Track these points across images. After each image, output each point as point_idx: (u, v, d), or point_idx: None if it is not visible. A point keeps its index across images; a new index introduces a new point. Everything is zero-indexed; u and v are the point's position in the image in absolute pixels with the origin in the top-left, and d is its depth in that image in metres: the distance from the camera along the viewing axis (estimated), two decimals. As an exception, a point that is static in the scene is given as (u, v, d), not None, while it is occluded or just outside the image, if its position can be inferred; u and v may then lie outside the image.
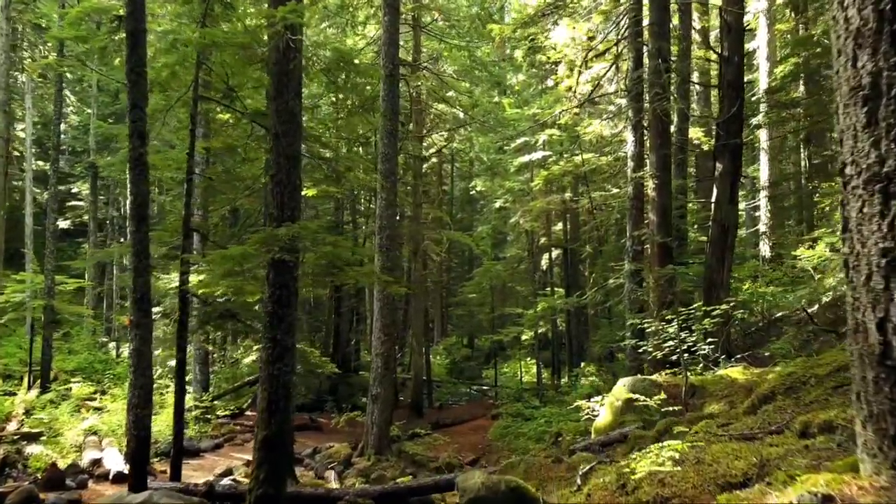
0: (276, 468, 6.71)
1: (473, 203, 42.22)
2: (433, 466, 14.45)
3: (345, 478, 12.95)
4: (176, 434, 9.16)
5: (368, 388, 14.54)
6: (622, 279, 13.27)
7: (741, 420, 5.15)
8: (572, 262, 25.35)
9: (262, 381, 6.92)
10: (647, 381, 8.54)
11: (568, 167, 20.39)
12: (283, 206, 7.00)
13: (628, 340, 11.83)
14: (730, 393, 7.81)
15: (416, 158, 21.27)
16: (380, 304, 14.36)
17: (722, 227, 12.21)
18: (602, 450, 7.67)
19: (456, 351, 34.96)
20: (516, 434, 17.16)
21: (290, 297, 6.97)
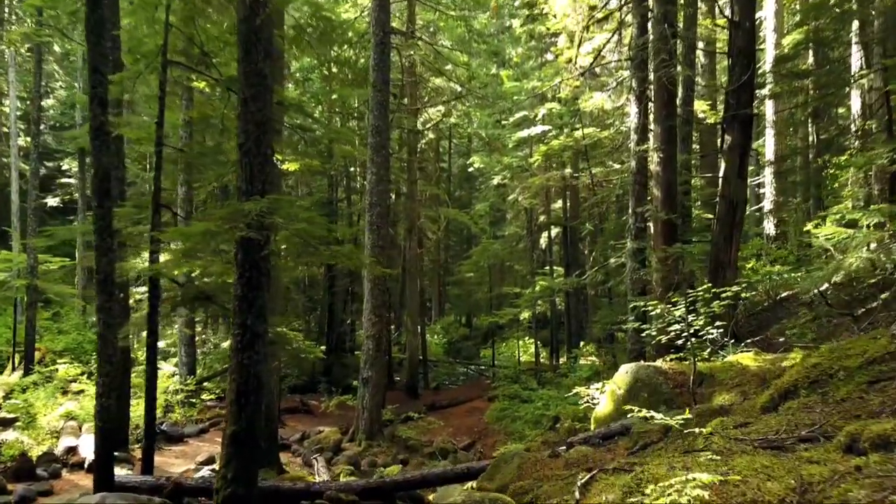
0: (246, 466, 6.13)
1: (472, 180, 41.50)
2: (427, 452, 13.96)
3: (334, 464, 12.44)
4: (147, 424, 8.59)
5: (358, 371, 13.99)
6: (624, 258, 12.64)
7: (761, 419, 4.54)
8: (572, 240, 24.70)
9: (231, 370, 6.32)
10: (651, 368, 7.95)
11: (568, 142, 19.64)
12: (252, 179, 6.34)
13: (630, 323, 11.23)
14: (741, 382, 7.22)
15: (410, 133, 20.52)
16: (370, 284, 13.76)
17: (730, 203, 11.54)
18: (603, 443, 7.10)
19: (454, 330, 34.48)
20: (513, 417, 16.66)
21: (260, 278, 6.34)
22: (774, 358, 7.73)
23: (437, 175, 34.42)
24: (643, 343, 11.35)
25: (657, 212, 11.72)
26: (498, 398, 18.91)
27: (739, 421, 4.59)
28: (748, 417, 4.86)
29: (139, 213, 8.89)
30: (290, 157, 9.83)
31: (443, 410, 18.84)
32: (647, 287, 12.39)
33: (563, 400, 15.71)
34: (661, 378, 7.79)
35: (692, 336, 7.74)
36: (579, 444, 7.21)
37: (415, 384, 20.83)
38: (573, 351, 20.87)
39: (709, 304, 8.13)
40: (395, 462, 12.98)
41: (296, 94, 23.60)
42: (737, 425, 4.48)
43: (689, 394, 7.51)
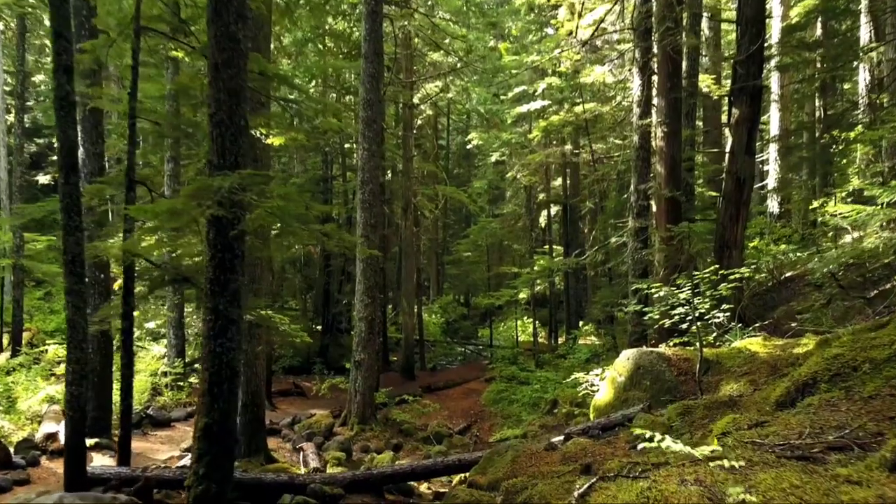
0: (221, 461, 5.71)
1: (471, 158, 40.90)
2: (421, 436, 13.62)
3: (325, 450, 12.07)
4: (123, 413, 8.16)
5: (351, 353, 13.57)
6: (625, 238, 12.17)
7: (778, 418, 4.10)
8: (572, 218, 24.20)
9: (203, 359, 5.87)
10: (654, 354, 7.51)
11: (568, 117, 19.06)
12: (223, 152, 5.83)
13: (631, 306, 10.80)
14: (750, 370, 6.77)
15: (405, 107, 19.92)
16: (363, 264, 13.29)
17: (737, 180, 11.03)
18: (602, 434, 6.68)
19: (452, 310, 34.08)
20: (510, 400, 16.32)
21: (234, 260, 5.87)
22: (785, 344, 7.28)
23: (434, 152, 33.77)
24: (644, 326, 10.92)
25: (660, 189, 11.21)
26: (495, 380, 18.57)
27: (754, 419, 4.14)
28: (763, 414, 4.41)
29: (114, 190, 8.39)
30: (275, 131, 9.30)
31: (439, 392, 18.49)
32: (648, 267, 11.94)
33: (562, 383, 15.33)
34: (664, 365, 7.36)
35: (698, 320, 7.29)
36: (577, 436, 6.79)
37: (411, 365, 20.47)
38: (572, 332, 20.48)
39: (715, 286, 7.68)
40: (389, 447, 12.63)
41: (289, 69, 22.96)
42: (752, 424, 4.03)
43: (695, 382, 7.08)
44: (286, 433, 12.68)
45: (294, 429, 13.09)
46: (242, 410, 10.33)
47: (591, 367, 15.26)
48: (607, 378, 8.01)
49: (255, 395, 10.32)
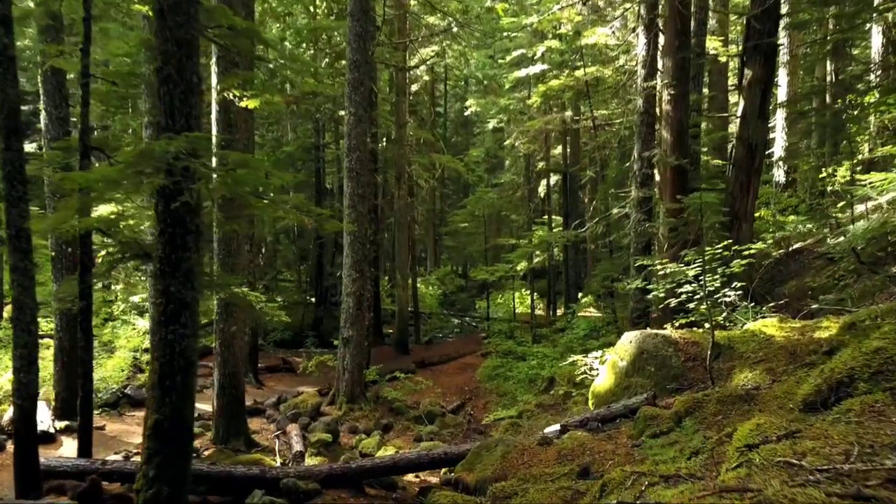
0: (173, 461, 5.09)
1: (469, 126, 39.97)
2: (413, 415, 13.06)
3: (311, 431, 11.50)
4: (83, 401, 7.57)
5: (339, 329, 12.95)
6: (628, 209, 11.46)
7: (811, 426, 3.44)
8: (572, 188, 23.42)
9: (153, 347, 5.22)
10: (659, 338, 6.86)
11: (568, 81, 18.17)
12: (172, 112, 5.09)
13: (633, 282, 10.14)
14: (767, 356, 6.13)
15: (398, 70, 19.01)
16: (350, 237, 12.59)
17: (748, 146, 10.30)
18: (602, 427, 6.06)
19: (449, 281, 33.48)
20: (506, 376, 15.76)
21: (186, 235, 5.16)
22: (803, 326, 6.63)
23: (431, 119, 32.86)
24: (647, 303, 10.27)
25: (666, 156, 10.47)
26: (491, 355, 18.02)
27: (782, 426, 3.49)
28: (791, 419, 3.76)
29: (69, 156, 7.66)
30: (249, 93, 8.52)
31: (433, 368, 17.94)
32: (652, 240, 11.25)
33: (559, 358, 14.76)
34: (670, 349, 6.72)
35: (708, 298, 6.62)
36: (575, 428, 6.18)
37: (405, 339, 19.91)
38: (570, 305, 19.86)
39: (727, 262, 7.01)
40: (378, 427, 12.08)
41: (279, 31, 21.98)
42: (781, 435, 3.38)
43: (704, 368, 6.45)
44: (271, 413, 12.12)
45: (279, 409, 12.52)
46: (220, 392, 9.76)
47: (590, 344, 14.69)
48: (608, 362, 7.38)
49: (232, 377, 9.72)
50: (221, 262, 9.55)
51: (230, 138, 9.40)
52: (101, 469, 6.78)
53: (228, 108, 9.36)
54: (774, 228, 17.65)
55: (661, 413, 5.46)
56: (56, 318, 10.86)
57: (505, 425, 11.82)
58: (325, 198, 24.12)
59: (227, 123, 9.41)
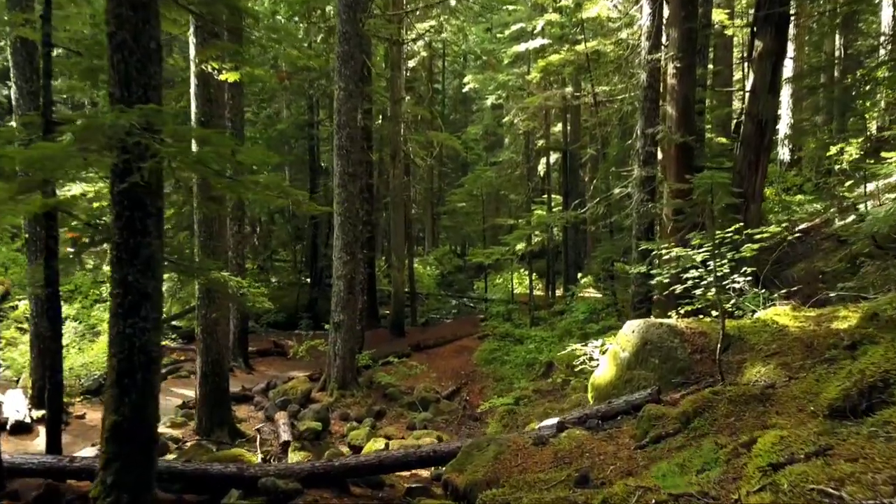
0: (134, 466, 4.66)
1: (467, 103, 39.27)
2: (406, 401, 12.69)
3: (300, 419, 11.13)
4: (51, 393, 7.13)
5: (330, 313, 12.51)
6: (630, 188, 10.95)
7: (847, 441, 2.99)
8: (572, 167, 22.86)
9: (111, 342, 4.76)
10: (664, 328, 6.41)
11: (569, 56, 17.52)
12: (128, 82, 4.58)
13: (636, 267, 9.68)
14: (780, 348, 5.68)
15: (392, 45, 18.36)
16: (340, 218, 12.10)
17: (758, 122, 9.78)
18: (602, 425, 5.63)
19: (447, 261, 33.02)
20: (503, 360, 15.36)
21: (146, 219, 4.68)
22: (819, 315, 6.18)
23: (429, 96, 32.16)
24: (649, 287, 9.80)
25: (671, 133, 9.93)
26: (488, 338, 17.62)
27: (810, 440, 3.04)
28: (819, 431, 3.30)
29: (32, 133, 7.14)
30: (227, 66, 7.98)
31: (429, 351, 17.54)
32: (655, 222, 10.77)
33: (558, 343, 14.36)
34: (675, 340, 6.27)
35: (717, 284, 6.15)
36: (573, 425, 5.75)
37: (400, 321, 19.49)
38: (570, 288, 19.42)
39: (737, 247, 6.53)
40: (370, 415, 11.71)
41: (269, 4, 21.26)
42: (810, 452, 2.93)
43: (712, 361, 6.00)
44: (259, 400, 11.73)
45: (268, 395, 12.13)
46: (203, 381, 9.35)
47: (590, 327, 14.27)
48: (609, 352, 6.93)
49: (215, 364, 9.29)
50: (203, 244, 9.07)
51: (210, 114, 8.88)
52: (69, 467, 6.37)
53: (208, 82, 8.82)
54: (780, 208, 17.16)
55: (666, 412, 5.03)
56: (31, 303, 10.40)
57: (501, 412, 11.44)
58: (319, 176, 23.54)
59: (206, 98, 8.88)
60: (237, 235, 14.08)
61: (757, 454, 3.22)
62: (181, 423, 9.62)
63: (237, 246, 14.11)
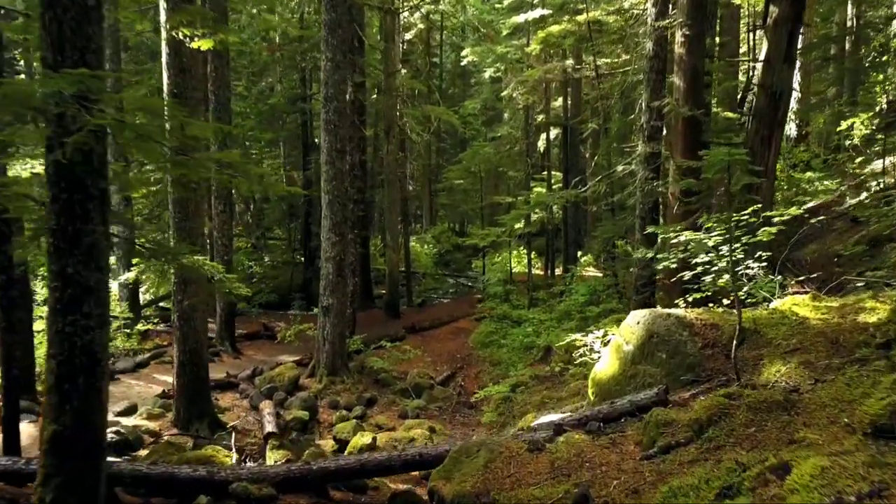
0: (79, 485, 4.14)
1: (466, 77, 38.41)
2: (399, 388, 12.22)
3: (287, 408, 10.66)
4: (7, 389, 6.62)
5: (318, 297, 11.98)
6: (634, 165, 10.35)
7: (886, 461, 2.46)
8: (572, 142, 22.18)
9: (49, 342, 4.21)
10: (672, 319, 5.86)
11: (570, 27, 16.78)
12: (62, 45, 3.96)
13: (639, 252, 9.11)
14: (801, 344, 5.14)
15: (386, 14, 17.59)
16: (328, 197, 11.52)
17: (771, 94, 9.14)
18: (604, 428, 5.11)
19: (445, 239, 32.41)
20: (500, 343, 14.88)
21: (87, 203, 4.11)
22: (842, 306, 5.62)
23: (427, 70, 31.38)
24: (653, 270, 9.25)
25: (678, 106, 9.30)
26: (485, 319, 17.13)
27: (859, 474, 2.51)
28: (863, 457, 2.76)
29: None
30: (200, 32, 7.34)
31: (424, 333, 17.06)
32: (661, 201, 10.19)
33: (557, 326, 13.86)
34: (684, 333, 5.72)
35: (733, 272, 5.58)
36: (572, 428, 5.23)
37: (395, 302, 18.98)
38: (570, 268, 18.88)
39: (752, 230, 5.97)
40: (361, 402, 11.24)
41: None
42: (862, 493, 2.39)
43: (725, 356, 5.47)
44: (244, 388, 11.24)
45: (254, 382, 11.64)
46: (180, 371, 8.84)
47: (590, 311, 13.74)
48: (611, 344, 6.39)
49: (193, 353, 8.77)
50: (177, 226, 8.50)
51: (183, 85, 8.25)
52: (24, 470, 5.87)
53: (179, 51, 8.18)
54: (787, 186, 16.54)
55: (676, 417, 4.49)
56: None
57: (497, 400, 10.98)
58: (311, 152, 22.81)
59: (178, 68, 8.24)
60: (222, 215, 13.50)
61: (792, 487, 2.68)
62: (158, 414, 9.14)
63: (223, 226, 13.53)
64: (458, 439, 9.71)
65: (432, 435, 9.59)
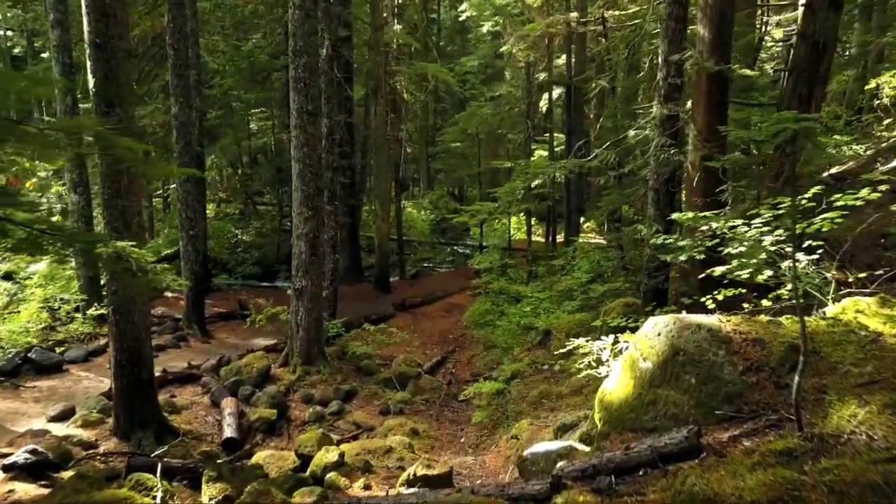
0: None
1: (465, 33, 36.51)
2: (383, 376, 11.05)
3: (254, 404, 9.52)
4: None
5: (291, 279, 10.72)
6: (648, 129, 8.95)
7: None
8: (576, 103, 20.59)
9: None
10: (704, 332, 4.57)
11: (575, -27, 15.15)
12: None
13: (653, 230, 7.80)
14: (880, 374, 3.86)
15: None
16: (299, 165, 10.14)
17: (814, 45, 7.70)
18: (615, 486, 3.86)
19: (443, 205, 30.97)
20: (496, 324, 13.67)
21: None
22: (925, 316, 4.32)
23: (423, 25, 29.61)
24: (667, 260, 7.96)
25: (703, 60, 7.86)
26: (481, 294, 15.90)
27: None
28: None
29: None
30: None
31: (415, 310, 15.87)
32: (678, 173, 8.81)
33: (557, 308, 12.62)
34: (720, 352, 4.45)
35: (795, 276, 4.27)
36: (574, 482, 4.00)
37: (385, 276, 17.74)
38: (572, 240, 17.55)
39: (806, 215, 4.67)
40: (338, 395, 10.08)
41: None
42: None
43: (775, 386, 4.21)
44: (207, 381, 10.04)
45: (219, 373, 10.45)
46: (118, 372, 7.61)
47: (594, 290, 12.47)
48: (624, 358, 5.12)
49: (132, 352, 7.53)
50: (107, 204, 7.18)
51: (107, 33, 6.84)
52: None
53: None
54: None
55: (719, 490, 3.24)
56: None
57: (489, 395, 9.81)
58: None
59: (101, 13, 6.81)
60: (186, 184, 12.14)
61: None
62: (97, 420, 7.95)
63: (186, 197, 12.19)
64: (445, 446, 8.57)
65: (414, 440, 8.44)
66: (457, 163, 26.26)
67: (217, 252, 20.56)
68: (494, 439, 8.42)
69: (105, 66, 7.00)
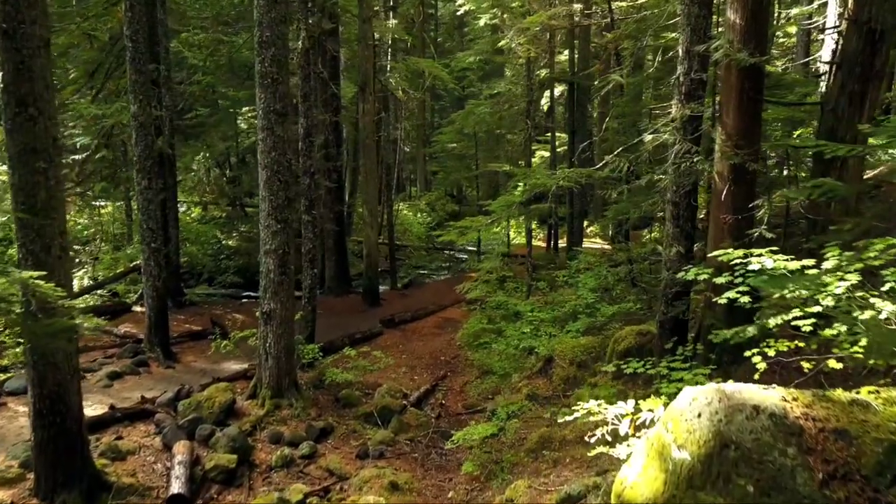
0: None
1: (463, 28, 35.38)
2: (363, 411, 9.82)
3: (212, 447, 8.28)
4: None
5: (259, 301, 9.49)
6: (666, 134, 7.72)
7: None
8: (579, 100, 19.37)
9: None
10: (763, 418, 3.33)
11: (579, -41, 13.91)
12: None
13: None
14: None
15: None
16: (266, 172, 8.91)
17: (868, 34, 6.46)
18: None
19: (441, 207, 29.72)
20: (493, 345, 12.41)
21: None
22: None
23: (420, 20, 28.44)
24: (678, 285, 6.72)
25: (733, 50, 6.62)
26: (477, 309, 14.66)
27: None
28: None
29: None
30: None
31: (405, 326, 14.65)
32: (700, 182, 7.58)
33: (560, 332, 11.39)
34: (789, 449, 3.21)
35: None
36: None
37: (374, 288, 16.51)
38: (574, 249, 16.31)
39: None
40: (311, 434, 8.86)
41: None
42: None
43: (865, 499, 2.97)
44: (161, 418, 8.80)
45: (177, 408, 9.21)
46: (37, 423, 6.38)
47: (602, 312, 11.25)
48: (651, 441, 3.88)
49: (54, 399, 6.30)
50: (21, 223, 5.96)
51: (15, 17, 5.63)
52: None
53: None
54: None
55: None
56: None
57: (479, 442, 8.56)
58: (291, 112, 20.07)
59: None
60: (147, 192, 10.91)
61: None
62: (16, 477, 6.71)
63: (147, 206, 10.97)
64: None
65: (392, 497, 7.23)
66: (453, 165, 24.99)
67: (199, 259, 19.38)
68: (487, 496, 7.20)
69: (15, 57, 5.79)
